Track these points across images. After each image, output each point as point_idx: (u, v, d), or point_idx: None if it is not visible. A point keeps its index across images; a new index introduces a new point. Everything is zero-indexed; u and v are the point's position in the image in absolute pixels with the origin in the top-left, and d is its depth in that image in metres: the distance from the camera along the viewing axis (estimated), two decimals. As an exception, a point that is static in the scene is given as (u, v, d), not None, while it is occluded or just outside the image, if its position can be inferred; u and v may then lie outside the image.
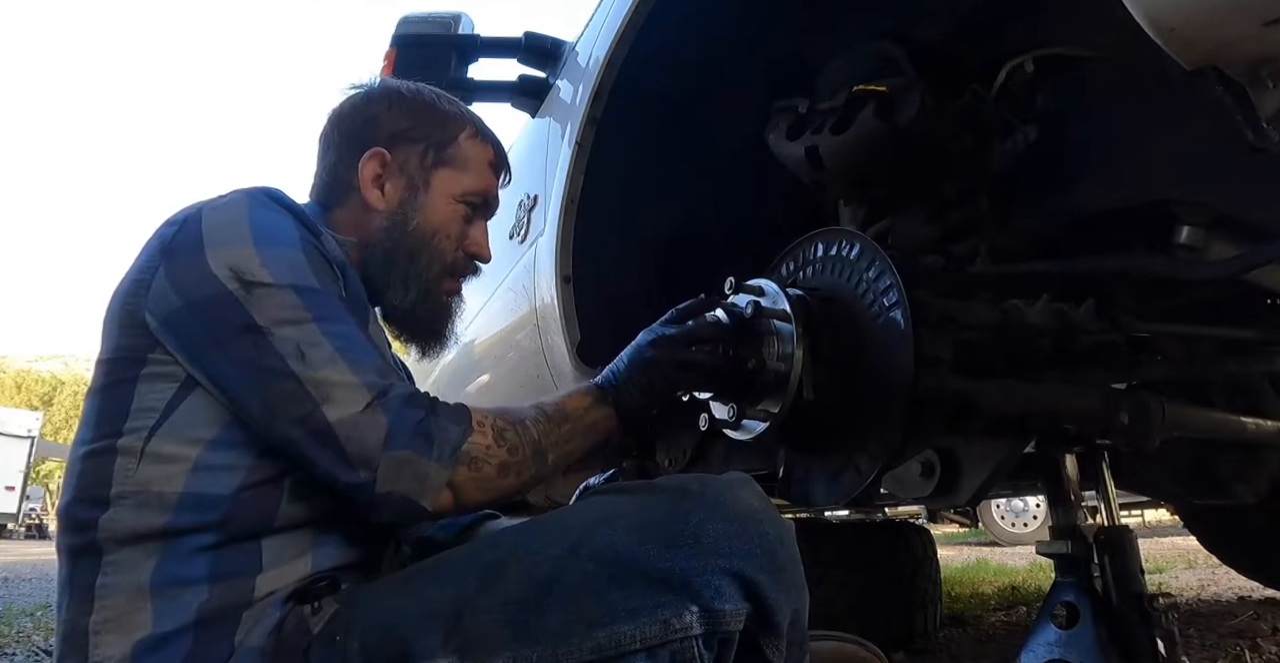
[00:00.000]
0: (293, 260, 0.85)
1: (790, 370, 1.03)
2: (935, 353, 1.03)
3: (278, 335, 0.80)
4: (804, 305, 1.07)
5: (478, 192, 1.08)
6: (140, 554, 0.79)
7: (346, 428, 0.78)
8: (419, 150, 1.05)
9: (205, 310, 0.82)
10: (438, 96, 1.10)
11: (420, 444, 0.80)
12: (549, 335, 1.93)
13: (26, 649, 2.79)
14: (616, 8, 1.51)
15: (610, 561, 0.76)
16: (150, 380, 0.83)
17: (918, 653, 2.28)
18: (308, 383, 0.79)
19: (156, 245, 0.87)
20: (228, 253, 0.83)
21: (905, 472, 1.18)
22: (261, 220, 0.86)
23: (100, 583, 0.79)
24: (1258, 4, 0.63)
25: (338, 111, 1.08)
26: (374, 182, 1.03)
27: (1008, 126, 1.22)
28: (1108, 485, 1.30)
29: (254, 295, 0.81)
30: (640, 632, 0.73)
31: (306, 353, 0.80)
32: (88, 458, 0.83)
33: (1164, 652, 1.08)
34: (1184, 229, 1.18)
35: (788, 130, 1.34)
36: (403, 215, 1.03)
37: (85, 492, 0.82)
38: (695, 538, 0.76)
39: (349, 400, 0.79)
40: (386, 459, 0.78)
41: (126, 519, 0.80)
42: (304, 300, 0.83)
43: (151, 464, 0.81)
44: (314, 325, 0.82)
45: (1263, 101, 0.71)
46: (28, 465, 20.54)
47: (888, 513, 5.55)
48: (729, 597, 0.75)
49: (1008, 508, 7.86)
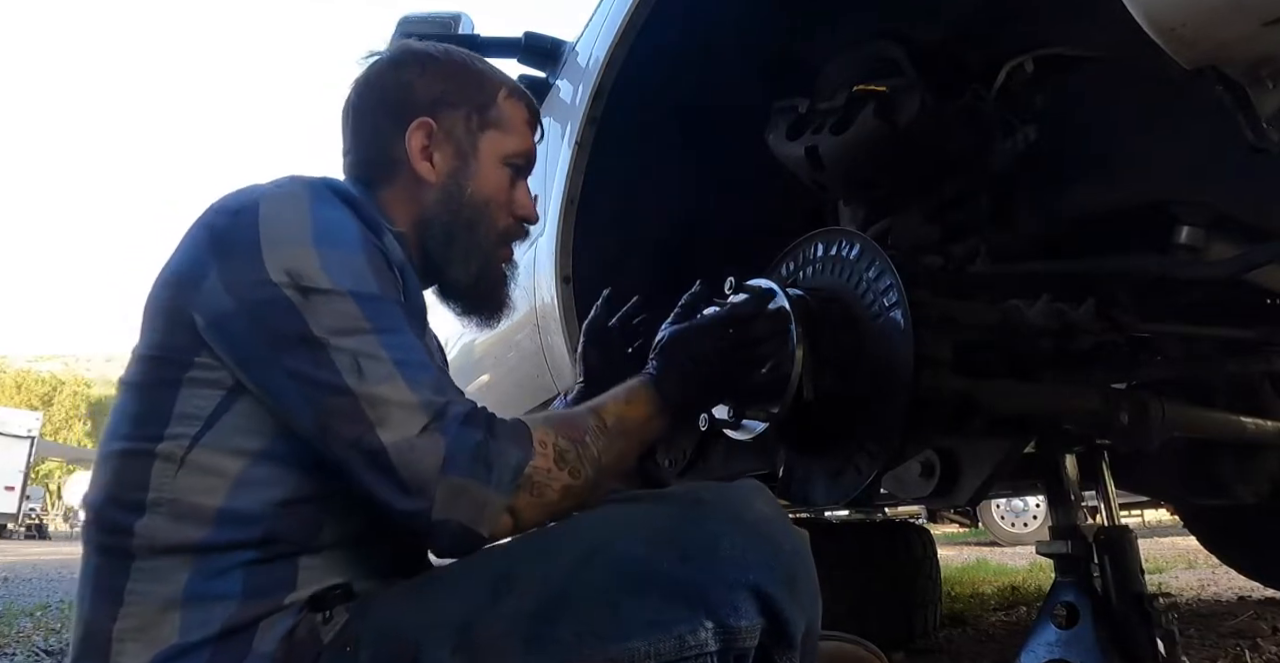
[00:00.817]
0: (354, 264, 0.80)
1: (790, 370, 1.03)
2: (935, 353, 1.03)
3: (334, 346, 0.76)
4: (804, 305, 1.07)
5: (522, 152, 1.04)
6: (174, 565, 0.77)
7: (402, 452, 0.75)
8: (462, 115, 1.01)
9: (260, 316, 0.78)
10: (468, 57, 1.06)
11: (479, 470, 0.76)
12: (549, 335, 1.93)
13: (26, 649, 2.79)
14: (616, 8, 1.51)
15: (624, 572, 0.74)
16: (194, 385, 0.79)
17: (918, 653, 2.28)
18: (364, 401, 0.75)
19: (207, 237, 0.82)
20: (286, 254, 0.79)
21: (905, 472, 1.18)
22: (323, 217, 0.82)
23: (130, 588, 0.77)
24: (1258, 4, 0.63)
25: (366, 82, 1.03)
26: (422, 153, 0.98)
27: (1008, 126, 1.22)
28: (1108, 485, 1.30)
29: (311, 302, 0.77)
30: (654, 648, 0.72)
31: (364, 367, 0.76)
32: (124, 457, 0.80)
33: (1164, 652, 1.09)
34: (1184, 229, 1.18)
35: (788, 130, 1.34)
36: (456, 186, 0.99)
37: (120, 493, 0.79)
38: (711, 550, 0.74)
39: (405, 422, 0.75)
40: (443, 486, 0.75)
41: (163, 529, 0.77)
42: (363, 309, 0.78)
43: (191, 474, 0.78)
44: (373, 336, 0.78)
45: (1263, 101, 0.71)
46: (28, 465, 20.53)
47: (888, 513, 5.54)
48: (745, 612, 0.74)
49: (1008, 508, 7.86)
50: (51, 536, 23.97)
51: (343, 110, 1.05)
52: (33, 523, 23.19)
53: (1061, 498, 1.23)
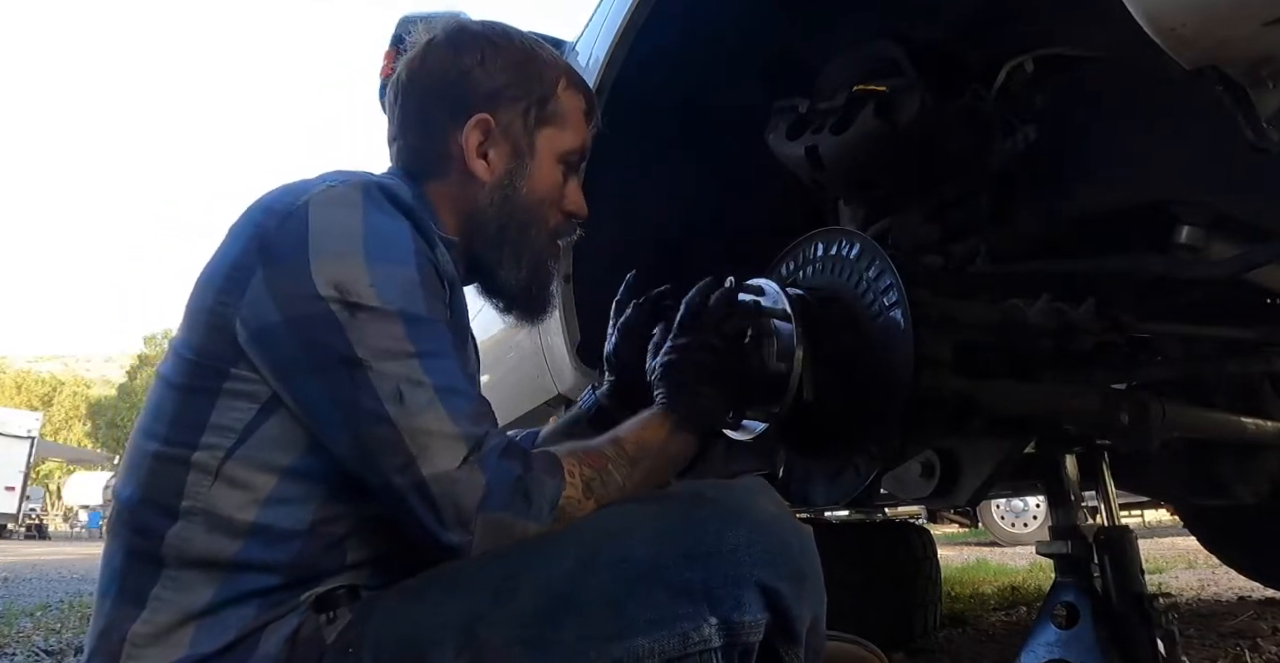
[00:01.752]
0: (404, 281, 0.78)
1: (790, 370, 1.03)
2: (935, 353, 1.03)
3: (377, 370, 0.75)
4: (804, 305, 1.07)
5: (578, 149, 1.01)
6: (202, 579, 0.77)
7: (443, 484, 0.75)
8: (521, 110, 0.96)
9: (303, 333, 0.76)
10: (532, 44, 1.00)
11: (519, 505, 0.77)
12: (549, 335, 1.93)
13: (26, 649, 2.79)
14: (616, 8, 1.51)
15: (627, 572, 0.73)
16: (230, 397, 0.79)
17: (918, 653, 2.28)
18: (405, 432, 0.75)
19: (254, 238, 0.80)
20: (335, 266, 0.77)
21: (905, 472, 1.18)
22: (376, 227, 0.79)
23: (155, 594, 0.77)
24: (1258, 4, 0.63)
25: (422, 67, 0.96)
26: (478, 151, 0.94)
27: (1008, 126, 1.22)
28: (1108, 485, 1.30)
29: (358, 321, 0.75)
30: (658, 645, 0.71)
31: (406, 394, 0.75)
32: (160, 460, 0.80)
33: (1164, 652, 1.09)
34: (1184, 229, 1.18)
35: (788, 130, 1.34)
36: (511, 187, 0.95)
37: (154, 496, 0.79)
38: (715, 547, 0.74)
39: (446, 454, 0.75)
40: (484, 521, 0.75)
41: (195, 539, 0.77)
42: (409, 331, 0.77)
43: (225, 486, 0.78)
44: (416, 361, 0.76)
45: (1263, 101, 0.71)
46: (28, 465, 20.54)
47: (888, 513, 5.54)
48: (749, 607, 0.73)
49: (1008, 508, 7.85)
50: (51, 536, 24.00)
51: (392, 90, 0.99)
52: (33, 523, 23.20)
53: (1061, 498, 1.23)
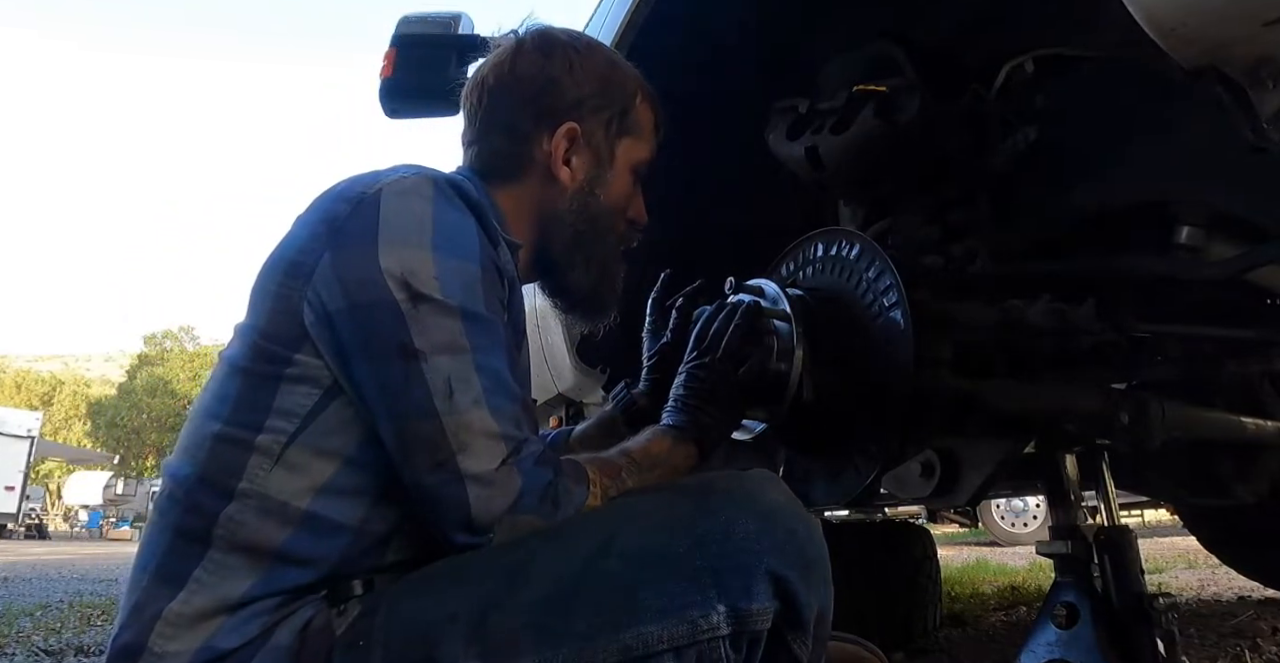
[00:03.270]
0: (467, 277, 0.81)
1: (790, 370, 1.03)
2: (935, 353, 1.03)
3: (431, 363, 0.77)
4: (804, 306, 1.07)
5: (648, 160, 1.05)
6: (245, 565, 0.78)
7: (480, 485, 0.76)
8: (604, 120, 1.00)
9: (365, 318, 0.78)
10: (610, 53, 1.04)
11: (547, 509, 0.79)
12: (549, 335, 1.93)
13: (26, 649, 2.79)
14: (616, 8, 1.51)
15: (638, 560, 0.74)
16: (294, 382, 0.80)
17: (918, 653, 2.28)
18: (449, 427, 0.76)
19: (324, 223, 0.82)
20: (403, 254, 0.79)
21: (905, 472, 1.18)
22: (445, 220, 0.81)
23: (196, 576, 0.77)
24: (1258, 4, 0.63)
25: (511, 73, 0.99)
26: (564, 157, 0.97)
27: (1008, 126, 1.22)
28: (1108, 485, 1.30)
29: (419, 312, 0.78)
30: (667, 632, 0.72)
31: (455, 390, 0.77)
32: (221, 441, 0.80)
33: (1164, 652, 1.08)
34: (1184, 229, 1.18)
35: (788, 130, 1.34)
36: (591, 194, 0.99)
37: (212, 476, 0.80)
38: (724, 535, 0.75)
39: (486, 454, 0.77)
40: (508, 523, 0.77)
41: (247, 523, 0.78)
42: (466, 327, 0.79)
43: (284, 471, 0.79)
44: (468, 358, 0.78)
45: (1263, 101, 0.71)
46: (28, 465, 20.54)
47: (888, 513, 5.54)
48: (758, 595, 0.74)
49: (1008, 508, 7.86)
50: (51, 536, 23.98)
51: (473, 94, 1.02)
52: (33, 523, 23.17)
53: (1061, 498, 1.23)
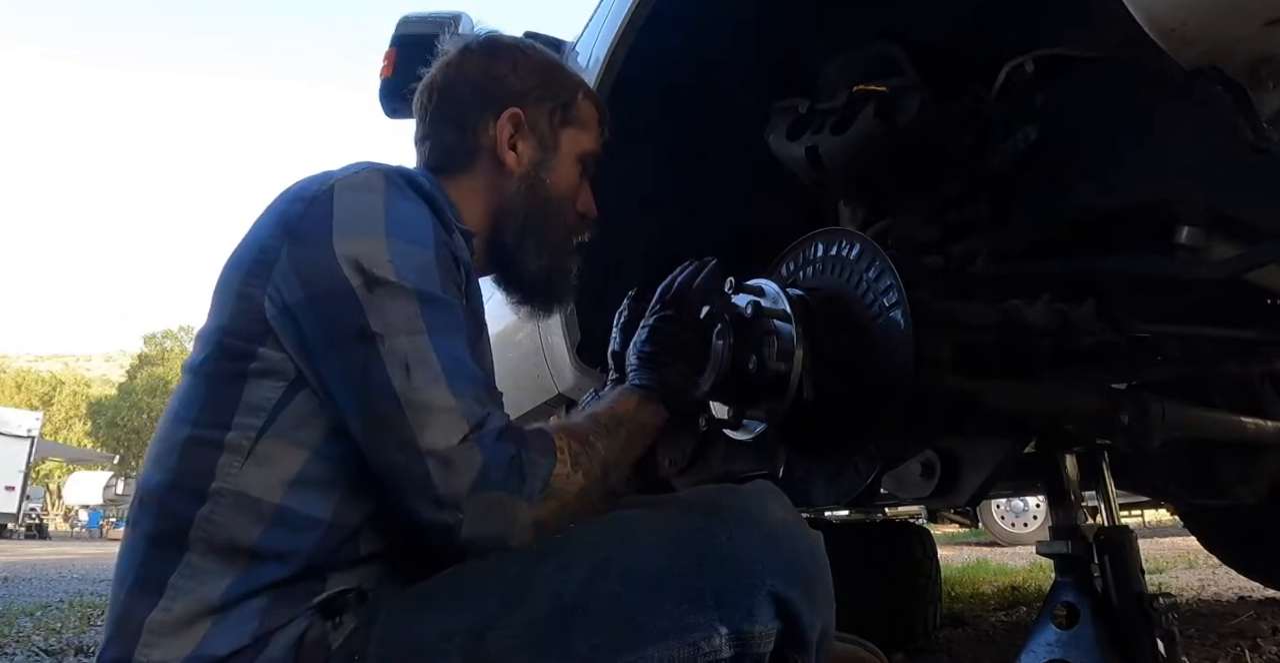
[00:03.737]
0: (422, 261, 0.82)
1: (790, 370, 1.03)
2: (935, 353, 1.03)
3: (389, 345, 0.77)
4: (804, 306, 1.07)
5: (594, 152, 1.08)
6: (220, 568, 0.77)
7: (439, 461, 0.75)
8: (548, 109, 1.04)
9: (324, 307, 0.79)
10: (557, 58, 1.09)
11: (514, 483, 0.77)
12: (549, 335, 1.93)
13: (26, 649, 2.79)
14: (616, 8, 1.51)
15: (638, 580, 0.73)
16: (260, 376, 0.81)
17: (918, 653, 2.28)
18: (408, 406, 0.76)
19: (280, 223, 0.83)
20: (357, 242, 0.80)
21: (905, 472, 1.18)
22: (398, 209, 0.83)
23: (173, 582, 0.77)
24: (1258, 4, 0.63)
25: (458, 71, 1.04)
26: (509, 142, 1.01)
27: (1008, 126, 1.22)
28: (1108, 485, 1.30)
29: (375, 295, 0.78)
30: (668, 655, 0.71)
31: (413, 370, 0.77)
32: (191, 444, 0.80)
33: (1164, 652, 1.08)
34: (1184, 229, 1.18)
35: (788, 130, 1.34)
36: (537, 178, 1.02)
37: (184, 481, 0.80)
38: (727, 556, 0.74)
39: (446, 430, 0.76)
40: (477, 502, 0.76)
41: (223, 523, 0.78)
42: (422, 308, 0.80)
43: (255, 466, 0.79)
44: (425, 338, 0.79)
45: (1263, 102, 0.71)
46: (28, 465, 20.54)
47: (888, 513, 5.54)
48: (760, 617, 0.73)
49: (1008, 508, 7.86)
50: (51, 536, 23.98)
51: (423, 94, 1.06)
52: (33, 523, 23.18)
53: (1061, 498, 1.23)
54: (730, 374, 1.04)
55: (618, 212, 1.65)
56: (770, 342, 1.05)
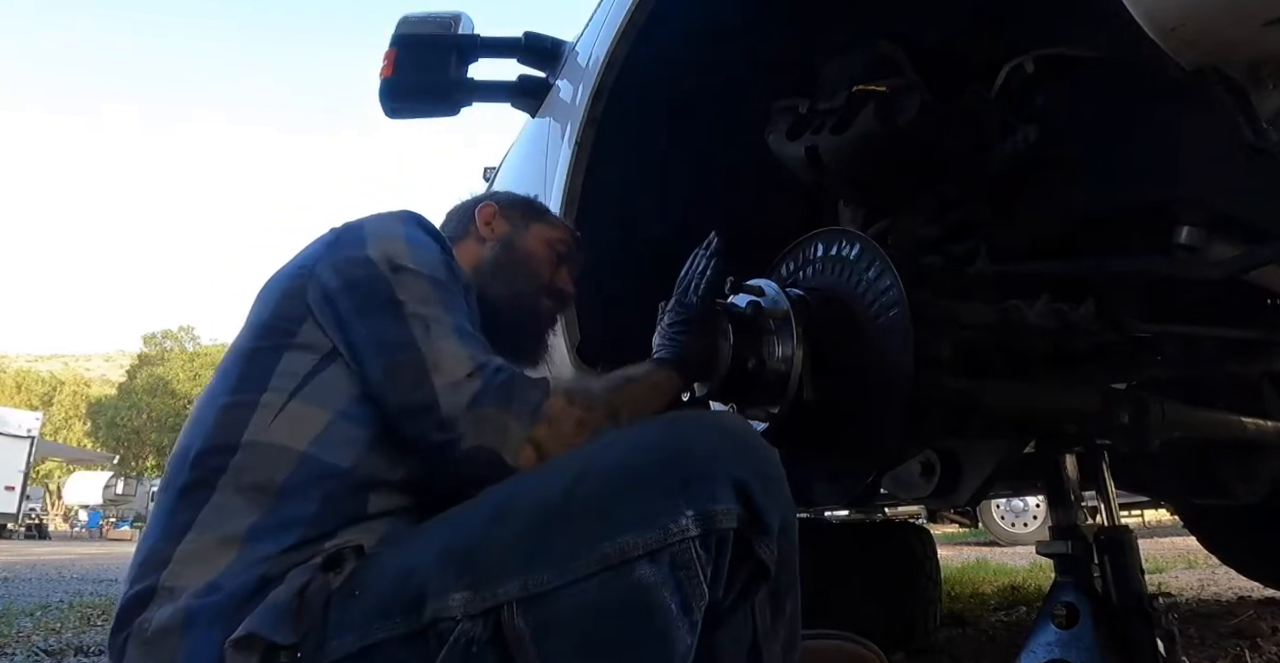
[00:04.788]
0: (434, 261, 1.01)
1: (790, 370, 1.03)
2: (935, 353, 1.03)
3: (411, 310, 0.94)
4: (804, 306, 1.07)
5: (564, 240, 1.32)
6: (247, 505, 0.86)
7: (447, 392, 0.89)
8: (519, 213, 1.33)
9: (358, 287, 0.96)
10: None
11: (502, 399, 0.90)
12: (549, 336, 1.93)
13: (26, 649, 2.79)
14: (616, 8, 1.51)
15: (611, 479, 0.80)
16: (296, 350, 0.95)
17: (918, 653, 2.28)
18: (426, 352, 0.91)
19: (320, 245, 1.03)
20: (384, 245, 1.00)
21: (905, 472, 1.18)
22: (413, 234, 1.03)
23: (201, 518, 0.86)
24: (1258, 4, 0.63)
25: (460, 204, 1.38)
26: (485, 222, 1.30)
27: (1008, 126, 1.22)
28: (1108, 485, 1.30)
29: (400, 277, 0.97)
30: (641, 539, 0.77)
31: (431, 327, 0.93)
32: (226, 410, 0.93)
33: (1164, 652, 1.08)
34: (1184, 229, 1.18)
35: (788, 130, 1.34)
36: (509, 240, 1.28)
37: (218, 440, 0.90)
38: (688, 449, 0.81)
39: (455, 367, 0.91)
40: (472, 416, 0.88)
41: (251, 465, 0.88)
42: (437, 291, 0.97)
43: (286, 421, 0.91)
44: (440, 308, 0.96)
45: (1263, 102, 0.71)
46: (28, 465, 20.52)
47: (888, 513, 5.55)
48: (721, 497, 0.79)
49: (1008, 508, 7.86)
50: (51, 536, 23.98)
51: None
52: (33, 523, 23.17)
53: (1061, 498, 1.23)
54: (730, 374, 1.05)
55: (619, 212, 1.66)
56: (770, 342, 1.05)
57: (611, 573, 0.76)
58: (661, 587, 0.76)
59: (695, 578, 0.78)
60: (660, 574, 0.76)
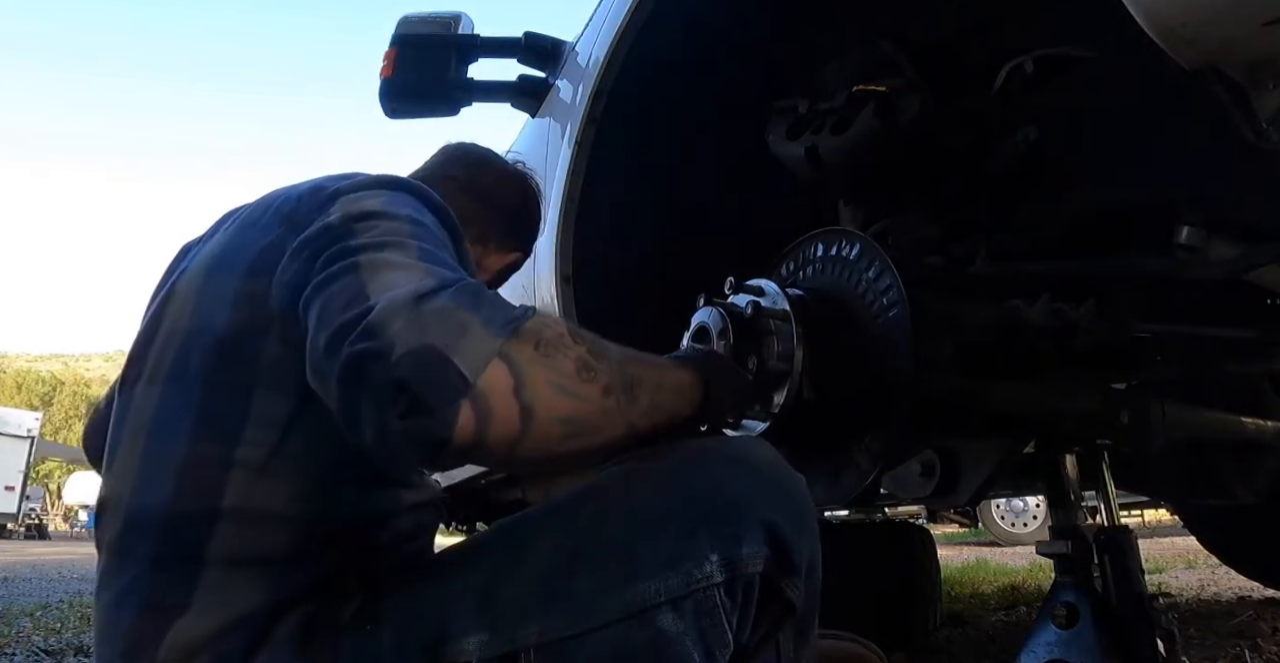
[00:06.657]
0: (416, 207, 0.80)
1: (790, 370, 1.03)
2: (935, 353, 1.03)
3: (367, 256, 0.70)
4: (804, 306, 1.07)
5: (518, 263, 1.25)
6: (247, 580, 0.75)
7: (385, 300, 0.64)
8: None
9: (310, 244, 0.75)
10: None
11: (464, 299, 0.65)
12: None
13: (26, 649, 2.79)
14: (616, 8, 1.51)
15: (635, 522, 0.75)
16: (267, 387, 0.77)
17: (918, 653, 2.28)
18: (365, 269, 0.68)
19: (283, 222, 0.81)
20: (354, 203, 0.78)
21: (905, 472, 1.18)
22: (395, 195, 0.81)
23: (199, 598, 0.74)
24: (1258, 4, 0.63)
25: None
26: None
27: (1008, 126, 1.22)
28: (1108, 486, 1.30)
29: (362, 224, 0.74)
30: (664, 585, 0.72)
31: (385, 250, 0.71)
32: (192, 464, 0.76)
33: (1164, 652, 1.08)
34: (1184, 229, 1.18)
35: (788, 130, 1.34)
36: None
37: (189, 504, 0.76)
38: (716, 489, 0.76)
39: (404, 281, 0.66)
40: (409, 314, 0.62)
41: (240, 538, 0.75)
42: (412, 228, 0.75)
43: (270, 481, 0.76)
44: (412, 241, 0.73)
45: (1262, 102, 0.71)
46: (28, 466, 20.52)
47: (887, 513, 5.55)
48: (749, 541, 0.75)
49: (1008, 508, 7.86)
50: (51, 536, 23.98)
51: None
52: (33, 523, 23.18)
53: (1061, 498, 1.23)
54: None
55: (619, 212, 1.66)
56: (770, 342, 1.05)
57: (633, 622, 0.72)
58: (684, 636, 0.72)
59: (720, 626, 0.74)
60: (683, 624, 0.72)
